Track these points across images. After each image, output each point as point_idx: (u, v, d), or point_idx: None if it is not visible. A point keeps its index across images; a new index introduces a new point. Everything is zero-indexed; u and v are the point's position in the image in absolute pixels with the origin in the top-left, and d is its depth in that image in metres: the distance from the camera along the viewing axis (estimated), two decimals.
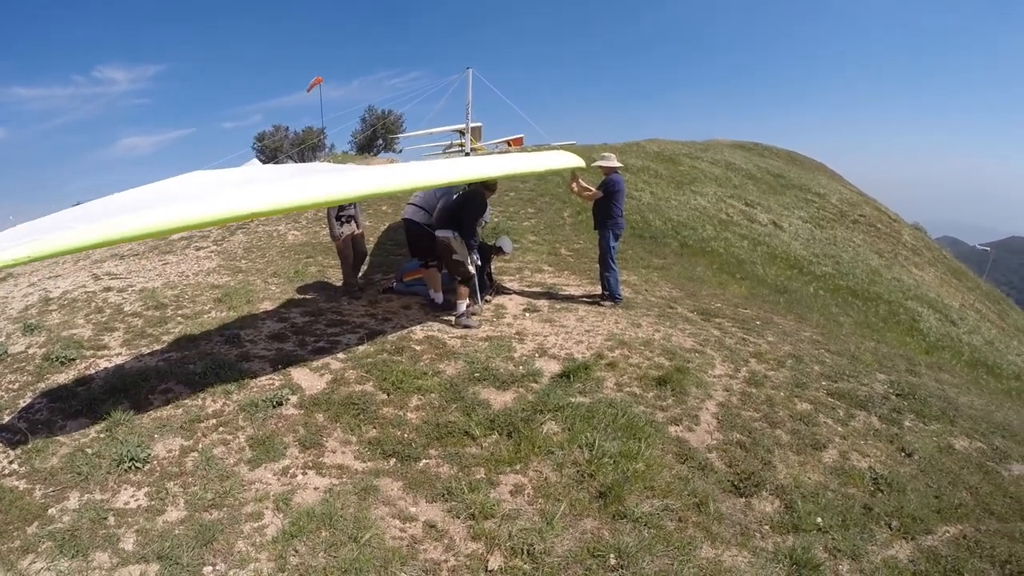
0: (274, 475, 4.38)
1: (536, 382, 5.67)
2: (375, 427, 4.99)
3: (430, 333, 6.81)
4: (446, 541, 3.83)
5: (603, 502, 4.15)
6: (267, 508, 4.03)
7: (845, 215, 19.77)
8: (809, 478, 4.62)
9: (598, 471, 4.41)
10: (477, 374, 5.75)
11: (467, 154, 14.55)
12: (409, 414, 5.19)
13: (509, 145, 24.12)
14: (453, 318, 7.05)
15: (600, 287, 8.01)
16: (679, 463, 4.65)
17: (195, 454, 4.59)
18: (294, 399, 5.37)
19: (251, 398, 5.33)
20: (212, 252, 10.84)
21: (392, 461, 4.58)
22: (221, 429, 4.92)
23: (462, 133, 18.37)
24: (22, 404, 5.36)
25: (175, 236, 11.98)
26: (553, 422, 5.01)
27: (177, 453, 4.62)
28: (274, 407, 5.19)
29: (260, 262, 10.07)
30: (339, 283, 8.73)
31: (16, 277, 10.52)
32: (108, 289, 8.71)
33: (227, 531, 3.83)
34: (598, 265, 7.99)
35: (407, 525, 3.97)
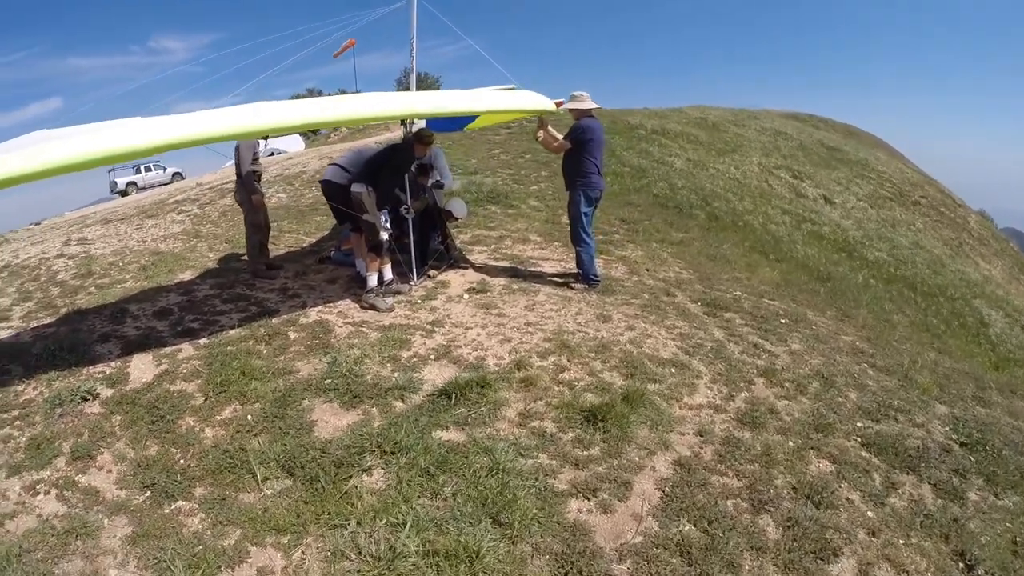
0: (20, 489, 3.57)
1: (403, 399, 4.17)
2: (159, 443, 3.88)
3: (325, 316, 5.52)
4: None
5: None
6: None
7: (905, 195, 18.00)
8: None
9: None
10: (329, 380, 4.35)
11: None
12: (208, 431, 3.97)
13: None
14: (362, 295, 5.82)
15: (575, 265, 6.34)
16: None
17: None
18: (108, 393, 4.45)
19: (64, 388, 4.47)
20: (188, 216, 10.22)
21: (146, 494, 3.48)
22: (17, 423, 4.18)
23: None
24: None
25: (166, 199, 11.53)
26: (381, 471, 3.50)
27: None
28: (79, 402, 4.34)
29: (223, 226, 9.25)
30: (287, 250, 7.76)
31: (10, 243, 10.53)
32: (61, 256, 8.38)
33: None
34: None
35: None
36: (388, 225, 5.74)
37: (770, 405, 4.24)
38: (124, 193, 28.61)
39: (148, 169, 31.46)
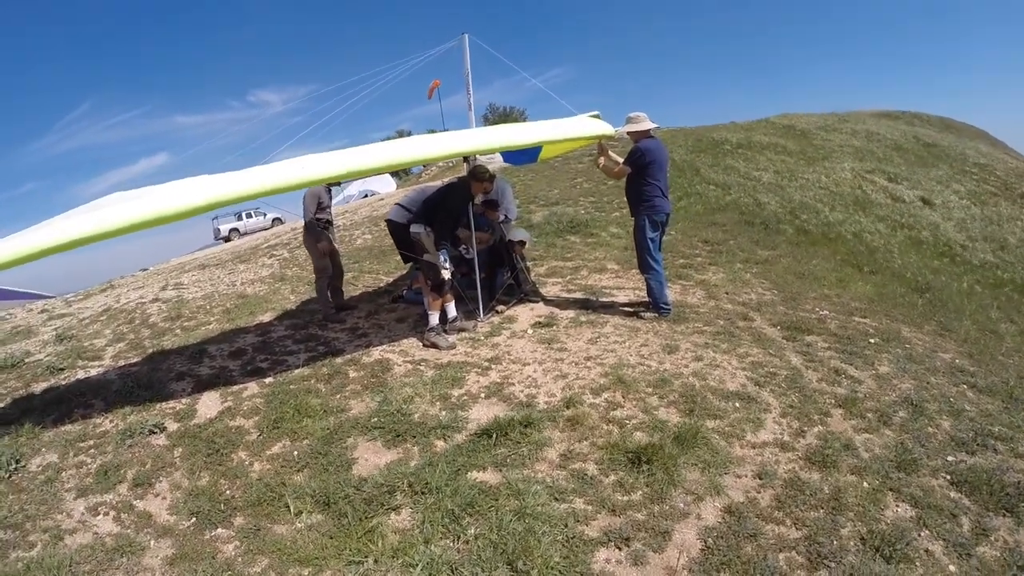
0: (84, 509, 4.09)
1: (445, 438, 4.36)
2: (211, 474, 4.34)
3: (387, 355, 5.88)
4: None
5: None
6: (40, 541, 3.76)
7: (1011, 188, 17.45)
8: None
9: None
10: (377, 419, 4.65)
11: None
12: (256, 464, 4.37)
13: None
14: (424, 333, 6.17)
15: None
16: None
17: (50, 473, 4.48)
18: (174, 427, 5.00)
19: (136, 422, 5.05)
20: (278, 260, 11.14)
21: (192, 520, 3.90)
22: (91, 451, 4.76)
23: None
24: None
25: (261, 244, 12.59)
26: (408, 510, 3.69)
27: (41, 469, 4.54)
28: (147, 435, 4.90)
29: (308, 269, 9.98)
30: (364, 290, 8.34)
31: (115, 288, 11.87)
32: (156, 300, 9.39)
33: None
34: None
35: None
36: (447, 264, 6.03)
37: (846, 440, 4.03)
38: (227, 239, 31.37)
39: (249, 216, 34.47)
